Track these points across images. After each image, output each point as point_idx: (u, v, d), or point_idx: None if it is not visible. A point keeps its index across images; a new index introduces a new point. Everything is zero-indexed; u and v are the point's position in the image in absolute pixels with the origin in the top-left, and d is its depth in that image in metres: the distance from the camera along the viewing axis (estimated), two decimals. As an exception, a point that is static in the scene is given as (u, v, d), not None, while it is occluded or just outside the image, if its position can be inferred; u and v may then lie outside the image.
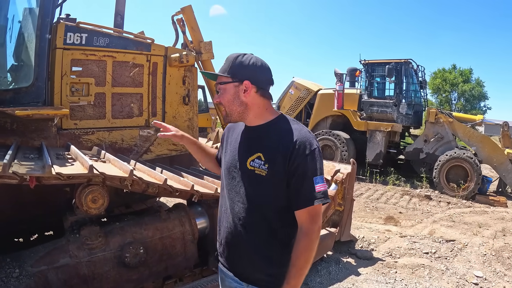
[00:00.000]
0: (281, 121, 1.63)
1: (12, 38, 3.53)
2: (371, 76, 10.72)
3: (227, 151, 1.75)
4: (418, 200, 8.12)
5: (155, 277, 2.97)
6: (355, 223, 6.23)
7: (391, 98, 10.17)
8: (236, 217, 1.63)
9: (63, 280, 2.52)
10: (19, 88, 3.19)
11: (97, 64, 3.48)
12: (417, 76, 10.82)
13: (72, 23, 3.35)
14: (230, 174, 1.67)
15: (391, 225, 6.30)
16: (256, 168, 1.54)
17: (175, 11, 4.18)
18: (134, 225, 2.92)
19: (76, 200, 2.50)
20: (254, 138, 1.63)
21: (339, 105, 10.83)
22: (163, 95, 3.99)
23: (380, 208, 7.43)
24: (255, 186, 1.56)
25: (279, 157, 1.50)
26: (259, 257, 1.60)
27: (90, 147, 3.46)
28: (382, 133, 10.04)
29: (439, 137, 9.28)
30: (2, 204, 2.97)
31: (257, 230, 1.59)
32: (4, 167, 2.02)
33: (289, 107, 12.41)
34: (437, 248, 5.10)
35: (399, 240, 5.46)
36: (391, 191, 8.87)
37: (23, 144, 3.10)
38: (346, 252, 4.87)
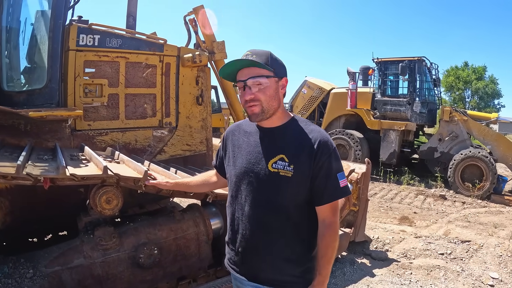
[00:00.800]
0: (297, 122, 1.63)
1: (25, 41, 3.55)
2: (384, 75, 10.59)
3: (236, 155, 1.70)
4: (432, 200, 7.99)
5: (169, 277, 2.96)
6: (370, 223, 6.15)
7: (404, 97, 10.03)
8: (256, 222, 1.60)
9: (77, 280, 2.53)
10: (32, 90, 3.22)
11: (110, 65, 3.48)
12: (430, 74, 10.65)
13: (85, 25, 3.36)
14: (246, 179, 1.62)
15: (406, 225, 6.20)
16: (280, 170, 1.53)
17: (187, 11, 4.17)
18: (148, 226, 2.92)
19: (90, 201, 2.50)
20: (272, 139, 1.61)
21: (352, 104, 10.72)
22: (176, 96, 3.98)
23: (395, 208, 7.33)
24: (279, 188, 1.54)
25: (304, 157, 1.52)
26: (283, 259, 1.59)
27: (104, 148, 3.47)
28: (396, 132, 9.90)
29: (454, 135, 9.11)
30: (16, 204, 3.02)
31: (281, 232, 1.58)
32: (18, 169, 2.03)
33: (302, 107, 12.35)
34: (453, 249, 5.01)
35: (414, 240, 5.38)
36: (406, 191, 8.74)
37: (37, 145, 3.11)
38: (360, 253, 4.81)
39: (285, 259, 1.59)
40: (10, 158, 2.39)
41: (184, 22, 4.25)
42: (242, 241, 1.65)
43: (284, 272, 1.60)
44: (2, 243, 3.19)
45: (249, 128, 1.71)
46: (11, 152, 2.63)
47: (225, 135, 1.82)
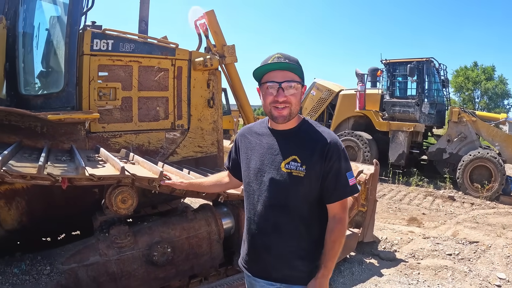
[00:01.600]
0: (307, 124, 1.72)
1: (40, 46, 3.66)
2: (393, 76, 10.58)
3: (249, 157, 1.76)
4: (441, 201, 7.98)
5: (181, 275, 3.05)
6: (378, 224, 6.18)
7: (413, 98, 10.01)
8: (268, 221, 1.67)
9: (93, 277, 2.62)
10: (50, 94, 3.34)
11: (123, 69, 3.58)
12: (439, 74, 10.60)
13: (98, 30, 3.47)
14: (259, 180, 1.69)
15: (414, 226, 6.22)
16: (293, 170, 1.60)
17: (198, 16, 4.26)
18: (162, 225, 3.00)
19: (106, 201, 2.59)
20: (285, 141, 1.68)
21: (361, 106, 10.75)
22: (188, 98, 4.06)
23: (403, 209, 7.34)
24: (292, 188, 1.61)
25: (315, 158, 1.60)
26: (295, 257, 1.66)
27: (118, 149, 3.56)
28: (405, 133, 9.89)
29: (463, 136, 9.08)
30: (34, 204, 3.12)
31: (293, 231, 1.65)
32: (39, 169, 2.12)
33: (311, 108, 12.38)
34: (460, 249, 5.03)
35: (422, 241, 5.41)
36: (414, 192, 8.74)
37: (53, 147, 3.22)
38: (369, 253, 4.86)
39: (297, 257, 1.66)
40: (29, 159, 2.50)
41: (195, 26, 4.33)
42: (254, 240, 1.72)
43: (296, 269, 1.67)
44: (17, 242, 3.29)
45: (260, 130, 1.78)
46: (29, 153, 2.74)
47: (237, 138, 1.89)
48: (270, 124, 1.75)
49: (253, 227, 1.72)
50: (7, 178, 2.09)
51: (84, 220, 3.22)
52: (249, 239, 1.76)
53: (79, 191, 3.00)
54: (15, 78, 3.13)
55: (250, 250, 1.76)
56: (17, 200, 3.05)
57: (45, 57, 3.63)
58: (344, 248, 4.41)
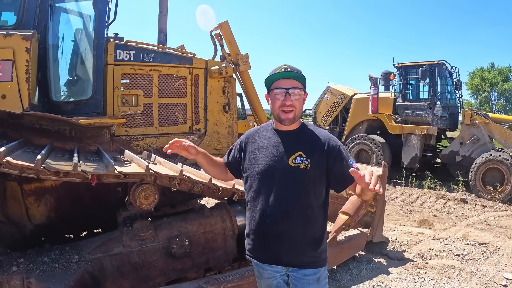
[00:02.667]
0: (307, 126, 2.00)
1: (68, 56, 3.96)
2: (405, 79, 10.66)
3: (257, 156, 1.97)
4: (453, 204, 8.02)
5: (197, 268, 3.29)
6: (389, 225, 6.29)
7: (425, 101, 10.06)
8: (280, 211, 1.87)
9: (116, 266, 2.91)
10: (79, 100, 3.65)
11: (144, 77, 3.87)
12: (451, 77, 10.63)
13: (121, 42, 3.76)
14: (269, 175, 1.90)
15: (425, 228, 6.30)
16: (300, 164, 1.85)
17: (213, 27, 4.54)
18: (181, 220, 3.27)
19: (130, 197, 2.87)
20: (290, 140, 1.93)
21: (374, 109, 10.84)
22: (205, 104, 4.31)
23: (415, 211, 7.43)
24: (300, 179, 1.86)
25: (318, 153, 1.87)
26: (304, 243, 1.90)
27: (140, 151, 3.84)
28: (417, 137, 9.93)
29: (475, 139, 9.08)
30: (61, 201, 3.44)
31: (302, 218, 1.88)
32: (74, 167, 2.41)
33: (325, 113, 12.51)
34: (469, 250, 5.11)
35: (431, 242, 5.50)
36: (427, 195, 8.80)
37: (81, 148, 3.50)
38: (378, 253, 4.98)
39: (306, 242, 1.90)
40: (62, 158, 2.80)
41: (211, 36, 4.60)
42: (265, 229, 1.91)
43: (305, 254, 1.90)
44: (41, 238, 3.56)
45: (266, 132, 2.01)
46: (61, 154, 3.06)
47: (244, 139, 2.09)
48: (275, 125, 1.99)
49: (264, 217, 1.91)
50: (45, 175, 2.38)
51: (107, 218, 3.52)
52: (258, 229, 1.94)
53: (104, 189, 3.30)
54: (47, 86, 3.42)
55: (260, 239, 1.96)
56: (46, 197, 3.37)
57: (74, 67, 3.94)
58: (353, 247, 4.58)
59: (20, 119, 3.08)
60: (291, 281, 1.98)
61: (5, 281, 2.47)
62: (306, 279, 1.92)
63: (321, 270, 1.95)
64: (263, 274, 2.01)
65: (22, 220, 3.29)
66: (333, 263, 4.19)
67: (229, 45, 4.49)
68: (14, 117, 3.00)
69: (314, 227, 1.93)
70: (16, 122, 3.13)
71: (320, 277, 1.95)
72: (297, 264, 1.92)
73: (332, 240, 4.03)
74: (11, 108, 2.87)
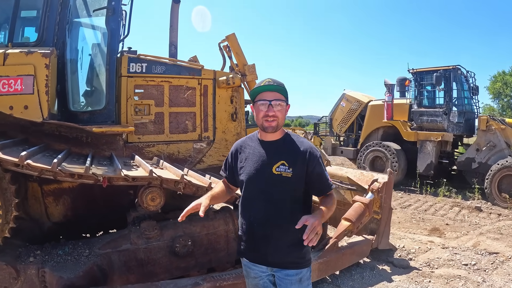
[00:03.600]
0: (290, 136, 2.14)
1: (84, 69, 4.30)
2: (420, 85, 10.58)
3: (245, 165, 2.13)
4: (467, 212, 7.91)
5: (200, 267, 3.51)
6: (398, 233, 6.29)
7: (441, 107, 9.97)
8: (265, 215, 2.03)
9: (124, 261, 3.17)
10: (94, 110, 3.96)
11: (156, 88, 4.13)
12: (467, 82, 10.48)
13: (134, 55, 4.05)
14: (255, 182, 2.06)
15: (435, 236, 6.26)
16: (282, 172, 2.00)
17: (221, 39, 4.77)
18: (185, 222, 3.44)
19: (138, 199, 3.14)
20: (273, 150, 2.08)
21: (389, 116, 10.79)
22: (213, 113, 4.53)
23: (427, 219, 7.37)
24: (282, 186, 2.01)
25: (299, 162, 2.02)
26: (289, 244, 2.04)
27: (151, 157, 4.09)
28: (433, 143, 9.82)
29: (491, 145, 8.90)
30: (78, 202, 3.74)
31: (286, 222, 2.00)
32: (86, 169, 2.70)
33: (341, 120, 12.54)
34: (478, 260, 5.03)
35: (440, 251, 5.43)
36: (441, 203, 8.69)
37: (96, 154, 3.79)
38: (383, 260, 4.97)
39: (290, 244, 2.03)
40: (77, 162, 3.10)
41: (219, 48, 4.83)
42: (254, 231, 2.08)
43: (290, 255, 2.05)
44: (59, 235, 3.85)
45: (252, 143, 2.17)
46: (77, 158, 3.36)
47: (234, 150, 2.25)
48: (260, 136, 2.14)
49: (252, 221, 2.08)
50: (61, 176, 2.67)
51: (120, 218, 3.78)
52: (248, 231, 2.11)
53: (117, 192, 3.57)
54: (65, 97, 3.75)
55: (250, 240, 2.12)
56: (64, 197, 3.68)
57: (89, 79, 4.28)
58: (356, 253, 4.65)
59: (41, 126, 3.41)
60: (276, 281, 2.13)
61: (23, 269, 2.82)
62: (289, 279, 2.06)
63: (304, 271, 2.09)
64: (250, 273, 2.17)
65: (41, 218, 3.61)
66: (333, 268, 4.26)
67: (237, 56, 4.71)
68: (35, 125, 3.33)
69: (298, 230, 2.02)
70: (37, 129, 3.46)
71: (302, 277, 2.08)
72: (282, 265, 2.06)
73: (332, 245, 4.11)
74: (32, 117, 3.21)
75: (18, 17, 3.60)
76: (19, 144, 3.21)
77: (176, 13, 4.73)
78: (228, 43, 4.68)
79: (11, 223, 2.84)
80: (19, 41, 3.67)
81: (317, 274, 3.87)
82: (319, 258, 3.89)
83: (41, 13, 3.56)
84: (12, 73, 3.16)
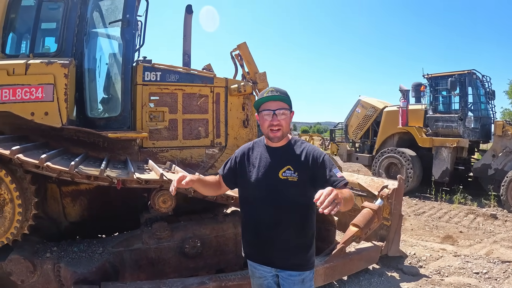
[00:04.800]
0: (295, 142, 2.20)
1: (101, 77, 4.51)
2: (436, 91, 10.47)
3: (251, 170, 2.18)
4: (482, 220, 7.77)
5: (208, 268, 3.63)
6: (411, 240, 6.25)
7: (456, 112, 9.84)
8: (271, 219, 2.09)
9: (135, 260, 3.35)
10: (110, 117, 4.16)
11: (170, 96, 4.31)
12: (483, 87, 10.32)
13: (149, 64, 4.23)
14: (261, 187, 2.12)
15: (448, 244, 6.19)
16: (288, 177, 2.05)
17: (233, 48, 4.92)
18: (195, 224, 3.65)
19: (151, 201, 3.31)
20: (279, 155, 2.14)
21: (404, 122, 10.70)
22: (225, 120, 4.67)
23: (440, 227, 7.28)
24: (289, 190, 2.06)
25: (304, 166, 2.06)
26: (294, 247, 2.10)
27: (164, 162, 4.25)
28: (448, 149, 9.68)
29: (508, 151, 8.73)
30: (94, 203, 3.94)
31: (291, 225, 2.09)
32: (101, 172, 2.89)
33: (356, 126, 12.51)
34: (490, 268, 4.96)
35: (451, 259, 5.38)
36: (456, 210, 8.57)
37: (112, 158, 3.98)
38: (393, 267, 4.95)
39: (295, 248, 2.11)
40: (94, 165, 3.28)
41: (231, 56, 4.99)
42: (259, 234, 2.15)
43: (294, 258, 2.12)
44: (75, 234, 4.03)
45: (258, 148, 2.24)
46: (94, 161, 3.56)
47: (240, 153, 2.29)
48: (266, 142, 2.20)
49: (257, 224, 2.15)
50: (78, 178, 2.89)
51: (134, 220, 3.95)
52: (254, 234, 2.20)
53: (132, 195, 3.75)
54: (83, 104, 3.97)
55: (255, 243, 2.21)
56: (81, 198, 3.90)
57: (106, 87, 4.49)
58: (364, 260, 4.67)
59: (60, 131, 3.63)
60: (279, 281, 2.19)
61: (39, 264, 3.03)
62: (292, 279, 2.14)
63: (306, 273, 2.16)
64: (255, 273, 2.25)
65: (59, 217, 3.83)
66: (340, 274, 4.28)
67: (248, 64, 4.85)
68: (55, 130, 3.55)
69: (303, 233, 2.14)
70: (57, 134, 3.68)
71: (305, 279, 2.15)
72: (287, 267, 2.13)
73: (340, 250, 4.13)
74: (52, 123, 3.44)
75: (38, 29, 3.86)
76: (39, 148, 3.44)
77: (189, 23, 4.91)
78: (240, 52, 4.82)
79: (30, 221, 3.05)
80: (40, 51, 3.94)
81: (323, 279, 3.90)
82: (325, 263, 3.92)
83: (60, 25, 3.82)
84: (33, 82, 3.40)
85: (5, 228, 2.99)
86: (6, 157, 2.81)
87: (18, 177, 3.02)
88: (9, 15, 3.83)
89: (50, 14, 3.98)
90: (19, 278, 3.01)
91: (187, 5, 4.88)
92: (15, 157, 2.73)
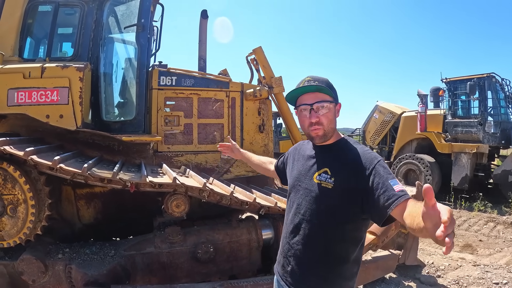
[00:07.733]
0: (345, 142, 1.79)
1: (116, 81, 4.55)
2: (454, 95, 10.26)
3: (294, 167, 1.91)
4: (503, 228, 7.55)
5: (221, 274, 3.57)
6: (428, 249, 6.12)
7: (475, 117, 9.61)
8: (297, 228, 1.74)
9: (147, 264, 3.33)
10: (124, 120, 4.18)
11: (185, 100, 4.30)
12: (503, 90, 10.04)
13: (164, 69, 4.24)
14: (295, 188, 1.82)
15: (467, 253, 6.05)
16: (322, 182, 1.67)
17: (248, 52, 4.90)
18: (209, 229, 3.61)
19: (164, 205, 3.29)
20: (321, 155, 1.78)
21: (422, 128, 10.52)
22: (241, 125, 4.62)
23: (460, 235, 7.11)
24: (320, 198, 1.67)
25: (346, 171, 1.63)
26: (316, 267, 1.69)
27: (179, 166, 4.23)
28: (467, 155, 9.45)
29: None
30: (108, 206, 3.95)
31: (318, 242, 1.68)
32: (114, 174, 2.89)
33: (374, 132, 12.38)
34: (510, 279, 4.82)
35: (471, 268, 5.27)
36: (475, 218, 8.34)
37: (127, 161, 3.99)
38: (410, 277, 4.86)
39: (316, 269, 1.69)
40: (107, 168, 3.29)
41: (247, 61, 4.96)
42: (284, 245, 1.82)
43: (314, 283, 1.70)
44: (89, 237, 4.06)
45: (307, 144, 1.93)
46: (108, 164, 3.57)
47: (292, 149, 2.07)
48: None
49: (284, 232, 1.84)
50: (91, 180, 2.90)
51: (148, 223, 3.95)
52: (283, 245, 1.84)
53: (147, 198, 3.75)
54: (98, 108, 3.99)
55: (280, 255, 1.86)
56: (95, 201, 3.91)
57: (121, 91, 4.52)
58: (380, 268, 4.58)
59: (75, 134, 3.67)
60: None
61: (51, 265, 3.06)
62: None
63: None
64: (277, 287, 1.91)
65: (72, 219, 3.85)
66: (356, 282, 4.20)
67: (264, 69, 4.81)
68: (70, 132, 3.60)
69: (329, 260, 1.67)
70: (72, 137, 3.73)
71: None
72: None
73: (355, 258, 4.07)
74: (67, 126, 3.48)
75: (55, 33, 3.93)
76: (54, 150, 3.47)
77: (204, 28, 4.91)
78: (255, 56, 4.79)
79: (43, 222, 3.08)
80: (57, 55, 4.00)
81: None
82: (340, 272, 3.84)
83: (77, 30, 3.88)
84: (49, 85, 3.44)
85: (18, 228, 3.04)
86: (21, 158, 2.86)
87: (33, 178, 3.07)
88: (27, 20, 3.89)
89: (66, 19, 4.04)
90: (30, 278, 3.04)
91: (202, 10, 4.89)
92: (29, 158, 2.77)
